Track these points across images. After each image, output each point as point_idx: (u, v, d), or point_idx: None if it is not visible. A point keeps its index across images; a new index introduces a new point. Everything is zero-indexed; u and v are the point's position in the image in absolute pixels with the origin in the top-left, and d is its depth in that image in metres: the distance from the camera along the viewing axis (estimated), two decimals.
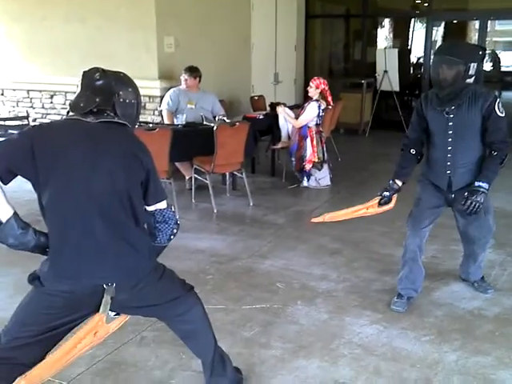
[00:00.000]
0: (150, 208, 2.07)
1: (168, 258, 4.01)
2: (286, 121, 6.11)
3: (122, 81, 2.09)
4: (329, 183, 6.11)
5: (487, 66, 11.21)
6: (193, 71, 5.77)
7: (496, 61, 12.21)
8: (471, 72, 2.93)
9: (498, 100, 2.99)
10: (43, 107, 7.23)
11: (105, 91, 2.02)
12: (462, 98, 2.99)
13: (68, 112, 2.04)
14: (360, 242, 4.45)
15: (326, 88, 5.97)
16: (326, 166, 6.10)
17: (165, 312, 2.24)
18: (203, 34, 6.98)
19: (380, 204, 3.34)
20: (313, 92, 5.94)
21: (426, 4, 9.84)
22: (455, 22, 12.39)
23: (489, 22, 9.40)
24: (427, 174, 3.29)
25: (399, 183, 3.28)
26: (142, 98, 2.15)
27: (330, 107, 6.18)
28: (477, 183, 2.98)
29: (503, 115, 3.00)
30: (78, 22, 6.59)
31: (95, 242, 1.93)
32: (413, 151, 3.26)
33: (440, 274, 3.81)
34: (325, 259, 4.12)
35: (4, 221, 1.87)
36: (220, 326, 3.12)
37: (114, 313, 2.08)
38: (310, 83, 6.01)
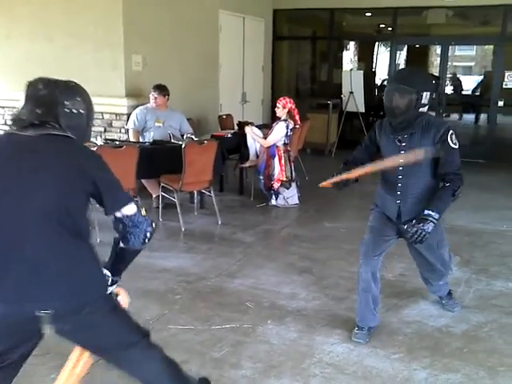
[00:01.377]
0: (116, 215, 1.97)
1: (135, 278, 3.96)
2: (254, 140, 6.13)
3: (69, 90, 1.95)
4: (297, 202, 6.13)
5: (448, 89, 11.55)
6: (162, 89, 5.75)
7: (457, 84, 12.61)
8: (424, 101, 2.89)
9: (452, 131, 2.93)
10: (5, 124, 7.07)
11: (47, 102, 1.88)
12: (414, 126, 2.94)
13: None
14: (328, 260, 4.45)
15: (293, 107, 6.03)
16: (294, 185, 6.13)
17: (116, 358, 2.04)
18: (171, 53, 6.98)
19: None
20: (280, 112, 5.99)
21: (389, 28, 10.10)
22: (418, 46, 12.75)
23: (449, 47, 9.72)
24: (379, 203, 3.25)
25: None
26: (109, 115, 2.08)
27: (297, 126, 6.24)
28: (426, 211, 2.85)
29: (456, 147, 2.93)
30: (44, 40, 6.51)
31: (28, 264, 1.78)
32: (347, 163, 3.25)
33: (408, 291, 3.84)
34: (294, 278, 4.10)
35: None
36: (189, 346, 3.07)
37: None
38: (277, 103, 6.06)
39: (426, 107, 2.95)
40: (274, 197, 6.04)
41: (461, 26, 10.72)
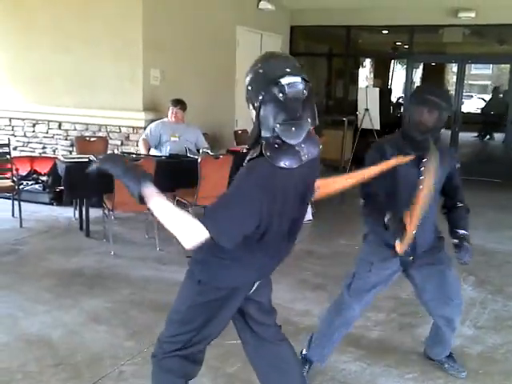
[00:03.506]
0: None
1: (149, 291, 3.98)
2: None
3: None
4: (311, 218, 6.12)
5: (465, 107, 11.55)
6: (182, 104, 5.81)
7: (473, 103, 12.60)
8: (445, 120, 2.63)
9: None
10: (25, 135, 7.17)
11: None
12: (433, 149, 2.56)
13: None
14: (342, 277, 4.41)
15: None
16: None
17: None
18: (189, 68, 7.06)
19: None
20: None
21: (406, 46, 10.14)
22: (434, 64, 12.76)
23: (466, 65, 9.73)
24: (382, 233, 2.63)
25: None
26: (126, 128, 2.07)
27: None
28: (461, 232, 2.71)
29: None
30: (64, 52, 6.63)
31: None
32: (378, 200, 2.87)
33: (422, 310, 3.78)
34: (307, 294, 4.09)
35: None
36: None
37: None
38: None
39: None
40: None
41: (477, 44, 10.72)
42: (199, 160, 5.04)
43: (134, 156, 5.33)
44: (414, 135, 2.63)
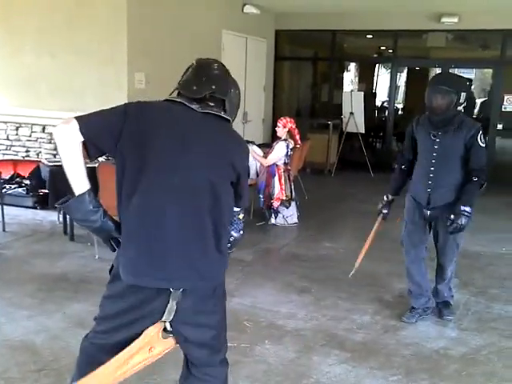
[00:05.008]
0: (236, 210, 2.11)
1: None
2: (254, 159, 6.16)
3: (234, 81, 2.13)
4: (296, 221, 6.14)
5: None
6: None
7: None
8: (461, 100, 3.29)
9: (481, 132, 3.33)
10: (8, 139, 7.10)
11: (221, 82, 2.04)
12: (450, 125, 3.32)
13: (177, 92, 2.06)
14: (327, 280, 4.45)
15: (294, 127, 6.08)
16: (293, 204, 6.14)
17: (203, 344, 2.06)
18: (174, 72, 6.99)
19: (384, 219, 3.78)
20: (281, 131, 6.04)
21: (390, 51, 10.22)
22: (418, 68, 12.88)
23: (449, 69, 9.83)
24: (411, 189, 3.62)
25: (391, 197, 3.71)
26: None
27: (297, 146, 6.27)
28: (462, 207, 3.26)
29: (484, 145, 3.35)
30: (48, 56, 6.58)
31: (170, 236, 1.84)
32: (404, 167, 3.68)
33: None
34: (293, 297, 4.09)
35: (77, 194, 1.83)
36: None
37: (170, 329, 1.92)
38: (278, 123, 6.11)
39: (462, 106, 3.34)
40: (273, 216, 6.05)
41: (460, 49, 10.86)
42: None
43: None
44: (431, 117, 3.37)
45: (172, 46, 6.98)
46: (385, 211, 3.74)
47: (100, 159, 5.21)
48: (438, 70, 10.24)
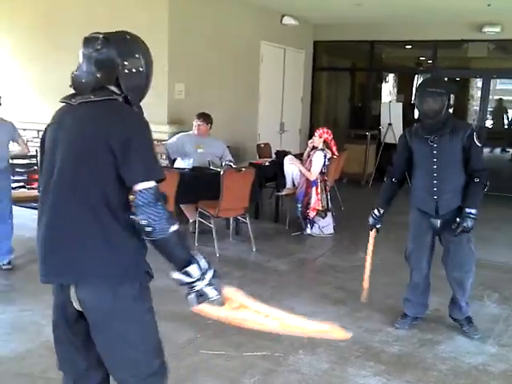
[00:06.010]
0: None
1: (167, 302, 4.01)
2: (299, 171, 6.10)
3: (127, 47, 1.89)
4: (332, 231, 6.11)
5: (489, 123, 11.45)
6: (205, 117, 5.90)
7: (498, 118, 12.48)
8: (452, 102, 3.27)
9: (475, 132, 3.32)
10: None
11: (107, 64, 1.83)
12: (444, 128, 3.29)
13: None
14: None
15: (330, 138, 6.07)
16: (329, 215, 6.12)
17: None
18: (212, 82, 7.15)
19: (377, 233, 3.80)
20: (316, 141, 6.04)
21: (429, 61, 10.09)
22: (458, 79, 12.66)
23: (491, 80, 9.64)
24: (415, 202, 3.55)
25: (381, 211, 3.67)
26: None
27: (335, 157, 6.26)
28: (467, 210, 3.27)
29: (480, 145, 3.34)
30: None
31: (47, 233, 1.84)
32: (394, 180, 3.62)
33: (443, 327, 3.76)
34: (327, 308, 4.07)
35: None
36: (220, 372, 3.08)
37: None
38: (315, 132, 6.13)
39: (451, 108, 3.31)
40: (309, 226, 6.04)
41: (502, 59, 10.62)
42: (222, 172, 5.10)
43: None
44: (424, 122, 3.34)
45: (211, 58, 7.09)
46: (378, 226, 3.73)
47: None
48: (479, 81, 10.04)
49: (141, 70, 1.89)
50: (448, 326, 3.76)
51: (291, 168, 6.23)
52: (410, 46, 10.44)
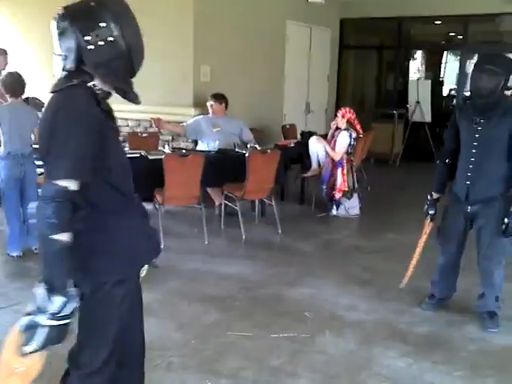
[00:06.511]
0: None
1: (197, 282, 4.07)
2: (325, 151, 6.08)
3: (87, 17, 1.59)
4: (358, 212, 6.07)
5: None
6: (217, 97, 5.90)
7: None
8: (510, 84, 3.04)
9: None
10: None
11: (68, 43, 1.59)
12: (494, 110, 3.07)
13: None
14: (390, 273, 4.37)
15: (353, 117, 5.99)
16: (355, 196, 6.07)
17: None
18: (238, 64, 7.12)
19: (432, 220, 3.57)
20: (339, 122, 5.98)
21: (460, 37, 9.83)
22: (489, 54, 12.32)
23: None
24: (454, 182, 3.38)
25: (436, 195, 3.47)
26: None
27: (360, 136, 6.19)
28: (506, 220, 3.07)
29: None
30: None
31: None
32: (448, 161, 3.40)
33: (472, 307, 3.70)
34: (354, 289, 4.06)
35: None
36: (247, 353, 3.11)
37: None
38: (337, 113, 6.07)
39: (510, 91, 3.15)
40: (335, 207, 6.01)
41: None
42: (247, 155, 5.10)
43: (183, 151, 5.44)
44: (475, 100, 3.11)
45: (237, 39, 7.05)
46: (431, 212, 3.52)
47: (166, 150, 5.38)
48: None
49: (110, 39, 1.59)
50: (476, 307, 3.71)
51: (316, 148, 6.19)
52: (439, 22, 10.19)
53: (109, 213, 1.73)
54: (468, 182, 3.21)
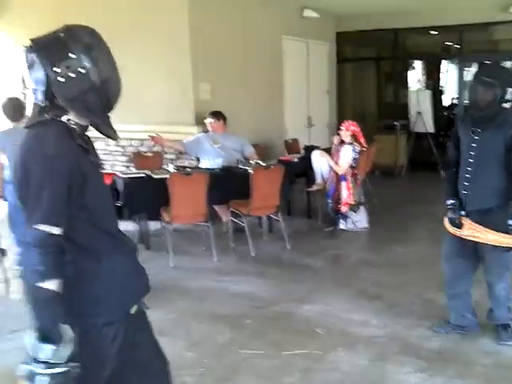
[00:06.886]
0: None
1: (207, 301, 4.06)
2: (328, 165, 6.09)
3: (55, 49, 1.51)
4: (366, 225, 6.06)
5: None
6: (215, 114, 5.95)
7: None
8: (508, 97, 3.01)
9: None
10: None
11: (38, 77, 1.52)
12: (492, 122, 3.05)
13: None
14: (400, 287, 4.36)
15: (357, 130, 6.02)
16: (362, 209, 6.07)
17: None
18: (237, 81, 7.17)
19: (454, 226, 3.25)
20: (344, 135, 6.00)
21: (456, 46, 9.90)
22: (488, 62, 12.38)
23: None
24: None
25: (452, 201, 3.25)
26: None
27: (364, 149, 6.20)
28: (509, 221, 3.01)
29: None
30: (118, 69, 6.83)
31: None
32: (455, 170, 3.29)
33: (484, 320, 3.68)
34: (365, 304, 4.05)
35: None
36: (260, 371, 3.10)
37: None
38: (341, 126, 6.09)
39: (509, 103, 3.07)
40: (342, 220, 6.01)
41: None
42: (251, 171, 5.11)
43: (188, 170, 5.46)
44: (472, 112, 3.14)
45: (234, 56, 7.11)
46: (452, 216, 3.25)
47: (170, 169, 5.39)
48: (509, 64, 9.80)
49: (82, 71, 1.51)
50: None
51: (320, 163, 6.20)
52: (435, 32, 10.26)
53: (94, 253, 1.65)
54: (465, 192, 3.18)
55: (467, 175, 3.17)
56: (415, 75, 12.95)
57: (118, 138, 1.71)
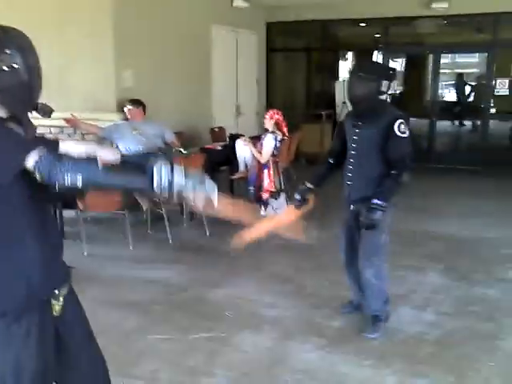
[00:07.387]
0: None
1: (119, 289, 4.05)
2: (251, 154, 6.14)
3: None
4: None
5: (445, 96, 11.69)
6: (134, 102, 5.87)
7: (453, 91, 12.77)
8: (383, 89, 3.11)
9: (401, 121, 3.08)
10: None
11: None
12: (370, 114, 3.17)
13: None
14: (313, 270, 4.51)
15: (281, 119, 6.10)
16: (283, 196, 6.18)
17: None
18: (164, 68, 7.09)
19: (296, 207, 3.49)
20: (267, 123, 6.07)
21: (382, 38, 10.18)
22: (414, 55, 12.85)
23: (450, 54, 9.82)
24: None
25: (309, 185, 3.47)
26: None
27: (285, 138, 6.31)
28: (373, 201, 3.06)
29: (404, 136, 3.07)
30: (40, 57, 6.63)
31: None
32: (330, 160, 3.49)
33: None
34: (276, 287, 4.16)
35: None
36: (164, 355, 3.14)
37: None
38: (265, 115, 6.16)
39: (385, 95, 3.17)
40: (262, 207, 6.09)
41: (453, 34, 10.81)
42: None
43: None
44: (352, 106, 3.29)
45: (161, 44, 7.01)
46: (297, 196, 3.48)
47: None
48: (432, 57, 10.21)
49: (14, 66, 1.65)
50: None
51: (243, 151, 6.26)
52: (364, 24, 10.51)
53: (6, 241, 1.68)
54: (349, 182, 3.34)
55: (350, 166, 3.31)
56: (345, 66, 13.25)
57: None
